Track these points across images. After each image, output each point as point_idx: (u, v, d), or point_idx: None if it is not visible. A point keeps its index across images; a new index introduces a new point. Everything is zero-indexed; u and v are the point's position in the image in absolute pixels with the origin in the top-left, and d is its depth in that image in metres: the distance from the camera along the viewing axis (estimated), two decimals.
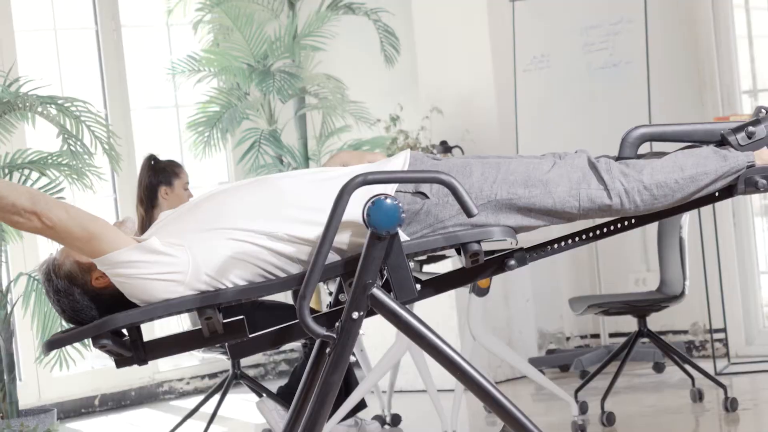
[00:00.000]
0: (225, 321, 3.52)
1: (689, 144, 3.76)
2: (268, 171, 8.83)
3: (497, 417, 3.53)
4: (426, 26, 8.62)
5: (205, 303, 3.47)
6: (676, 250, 6.95)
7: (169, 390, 9.05)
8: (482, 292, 6.43)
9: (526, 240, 3.85)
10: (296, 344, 8.64)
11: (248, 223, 3.49)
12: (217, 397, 6.79)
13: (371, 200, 3.38)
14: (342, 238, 3.50)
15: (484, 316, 6.54)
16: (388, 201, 3.38)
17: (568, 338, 8.89)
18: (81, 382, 8.65)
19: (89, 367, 8.66)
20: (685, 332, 8.50)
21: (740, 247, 8.34)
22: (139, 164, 6.98)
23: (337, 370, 3.43)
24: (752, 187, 3.67)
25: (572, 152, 3.68)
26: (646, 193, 3.60)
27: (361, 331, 3.54)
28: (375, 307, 3.46)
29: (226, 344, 3.63)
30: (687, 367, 7.05)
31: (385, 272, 3.49)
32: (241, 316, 3.55)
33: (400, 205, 3.38)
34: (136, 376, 8.92)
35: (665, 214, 3.70)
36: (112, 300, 3.56)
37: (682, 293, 6.92)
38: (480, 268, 3.67)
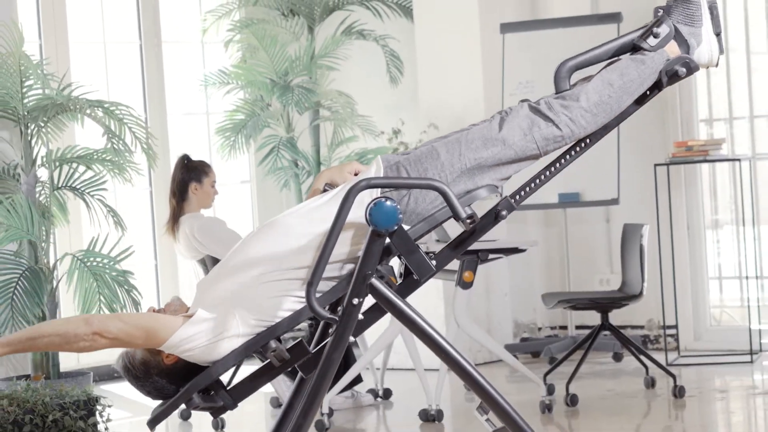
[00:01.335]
0: (288, 348, 3.47)
1: (611, 61, 3.69)
2: (284, 173, 8.84)
3: (475, 394, 3.52)
4: (426, 52, 8.62)
5: (264, 341, 3.43)
6: (636, 256, 6.95)
7: None
8: (466, 286, 6.43)
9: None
10: (303, 324, 8.63)
11: (273, 264, 3.45)
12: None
13: (373, 201, 3.36)
14: (344, 236, 3.47)
15: (467, 307, 6.53)
16: (388, 203, 3.36)
17: (539, 328, 8.88)
18: (115, 351, 8.63)
19: None
20: (642, 327, 8.50)
21: (692, 256, 8.33)
22: (172, 163, 6.96)
23: (338, 349, 3.42)
24: (674, 77, 3.63)
25: (516, 105, 3.63)
26: (588, 115, 3.57)
27: (360, 316, 3.53)
28: (373, 295, 3.45)
29: (296, 365, 3.55)
30: (642, 357, 7.06)
31: (402, 260, 3.47)
32: (300, 338, 3.50)
33: (398, 206, 3.38)
34: None
35: (612, 124, 3.63)
36: (186, 369, 3.51)
37: (641, 293, 6.92)
38: (479, 228, 3.56)
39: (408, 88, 8.84)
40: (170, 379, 3.51)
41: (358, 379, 6.73)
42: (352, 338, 3.59)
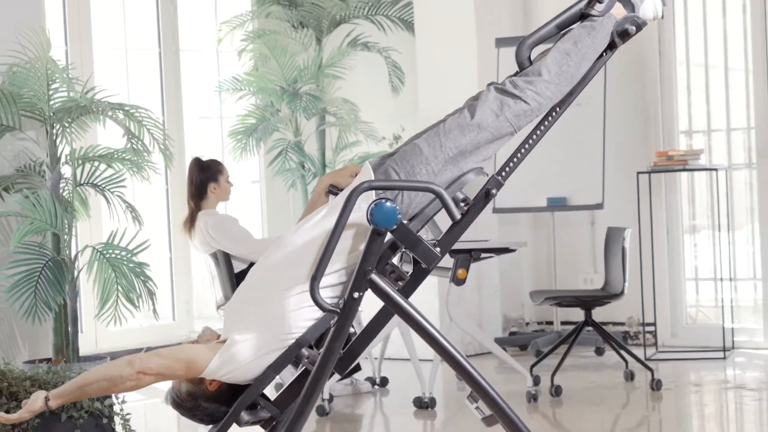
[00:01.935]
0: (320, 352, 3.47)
1: (564, 31, 3.67)
2: (291, 174, 8.84)
3: (466, 384, 3.52)
4: (426, 64, 8.62)
5: (296, 351, 3.42)
6: (618, 257, 6.95)
7: None
8: (459, 283, 6.41)
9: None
10: None
11: (289, 281, 3.45)
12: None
13: (374, 202, 3.36)
14: (347, 234, 3.47)
15: (460, 302, 6.54)
16: (388, 204, 3.36)
17: (527, 323, 8.89)
18: (131, 336, 8.64)
19: (138, 325, 8.65)
20: (623, 324, 8.50)
21: (671, 258, 8.34)
22: (187, 162, 6.96)
23: (338, 338, 3.42)
24: (625, 35, 3.61)
25: (484, 90, 3.62)
26: (551, 86, 3.55)
27: (360, 308, 3.53)
28: (372, 289, 3.44)
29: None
30: (622, 352, 7.06)
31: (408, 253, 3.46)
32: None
33: (397, 207, 3.38)
34: (174, 334, 8.91)
35: (577, 89, 3.61)
36: (230, 391, 3.49)
37: (622, 292, 6.92)
38: (472, 210, 3.54)
39: (408, 97, 8.84)
40: (218, 402, 3.49)
41: (357, 368, 6.73)
42: (352, 329, 3.59)
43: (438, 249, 3.49)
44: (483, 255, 6.59)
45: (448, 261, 6.47)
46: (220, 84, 8.93)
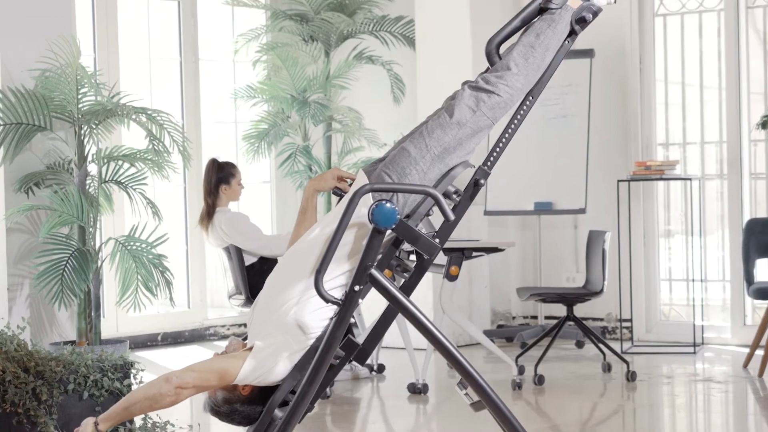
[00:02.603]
0: (341, 347, 3.46)
1: (527, 26, 3.66)
2: (300, 176, 8.85)
3: (456, 372, 3.53)
4: (426, 77, 8.63)
5: (328, 349, 3.40)
6: (599, 258, 6.96)
7: (214, 333, 9.05)
8: (452, 278, 6.43)
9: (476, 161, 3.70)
10: None
11: (301, 284, 3.44)
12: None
13: (375, 203, 3.36)
14: (354, 237, 3.47)
15: (452, 296, 6.54)
16: (388, 205, 3.36)
17: (513, 317, 8.89)
18: (149, 322, 8.65)
19: (155, 311, 8.67)
20: (602, 319, 8.51)
21: (647, 260, 8.35)
22: (204, 163, 6.98)
23: (340, 327, 3.42)
24: (583, 22, 3.59)
25: (459, 89, 3.61)
26: (520, 77, 3.54)
27: (360, 300, 3.54)
28: (371, 283, 3.43)
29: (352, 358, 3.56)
30: (600, 345, 7.06)
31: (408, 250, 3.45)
32: (347, 337, 3.48)
33: (396, 208, 3.38)
34: (189, 320, 8.93)
35: (546, 77, 3.59)
36: (262, 393, 3.47)
37: (601, 290, 6.92)
38: (464, 200, 3.54)
39: (408, 107, 8.85)
40: (252, 404, 3.47)
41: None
42: (352, 319, 3.59)
43: (437, 240, 3.49)
44: (474, 254, 6.61)
45: (442, 259, 6.49)
46: (235, 91, 8.94)
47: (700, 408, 6.23)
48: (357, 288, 3.42)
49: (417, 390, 6.48)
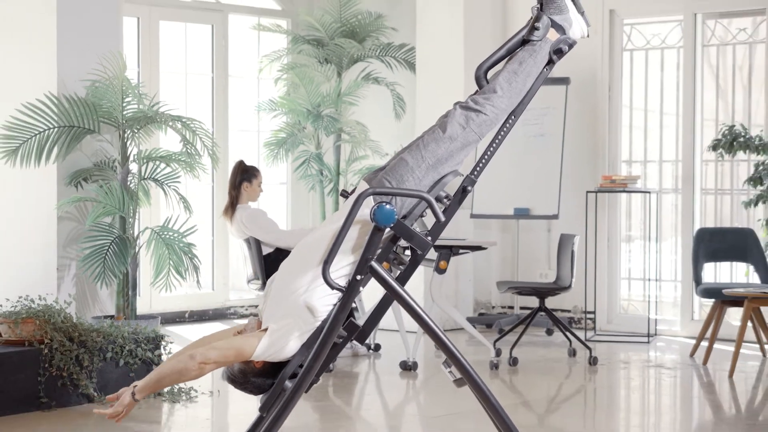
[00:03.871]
0: (343, 327, 3.44)
1: (511, 55, 3.62)
2: (312, 179, 8.83)
3: (442, 352, 3.52)
4: (424, 96, 8.62)
5: (332, 329, 3.38)
6: (568, 258, 6.95)
7: (234, 312, 9.04)
8: (441, 272, 6.43)
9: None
10: None
11: (311, 273, 3.42)
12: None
13: (376, 204, 3.35)
14: (358, 233, 3.44)
15: (441, 287, 6.53)
16: (388, 206, 3.35)
17: (493, 307, 8.88)
18: (178, 301, 8.64)
19: (184, 292, 8.66)
20: (569, 311, 8.50)
21: (610, 260, 8.34)
22: (230, 166, 6.97)
23: (343, 311, 3.40)
24: (559, 53, 3.57)
25: (451, 108, 3.58)
26: (504, 99, 3.52)
27: (361, 288, 3.52)
28: (371, 273, 3.41)
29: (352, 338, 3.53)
30: (567, 333, 7.06)
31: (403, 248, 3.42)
32: (349, 319, 3.46)
33: (395, 209, 3.37)
34: (213, 300, 8.91)
35: (526, 99, 3.56)
36: (274, 367, 3.43)
37: (570, 285, 6.92)
38: (453, 205, 3.50)
39: (408, 123, 8.84)
40: (264, 377, 3.45)
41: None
42: (354, 304, 3.58)
43: (429, 238, 3.49)
44: (461, 251, 6.60)
45: (433, 254, 6.48)
46: (259, 104, 8.93)
47: (651, 390, 6.23)
48: (359, 277, 3.41)
49: (408, 367, 6.47)
